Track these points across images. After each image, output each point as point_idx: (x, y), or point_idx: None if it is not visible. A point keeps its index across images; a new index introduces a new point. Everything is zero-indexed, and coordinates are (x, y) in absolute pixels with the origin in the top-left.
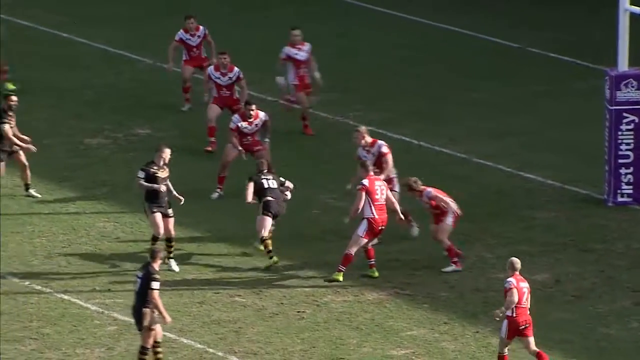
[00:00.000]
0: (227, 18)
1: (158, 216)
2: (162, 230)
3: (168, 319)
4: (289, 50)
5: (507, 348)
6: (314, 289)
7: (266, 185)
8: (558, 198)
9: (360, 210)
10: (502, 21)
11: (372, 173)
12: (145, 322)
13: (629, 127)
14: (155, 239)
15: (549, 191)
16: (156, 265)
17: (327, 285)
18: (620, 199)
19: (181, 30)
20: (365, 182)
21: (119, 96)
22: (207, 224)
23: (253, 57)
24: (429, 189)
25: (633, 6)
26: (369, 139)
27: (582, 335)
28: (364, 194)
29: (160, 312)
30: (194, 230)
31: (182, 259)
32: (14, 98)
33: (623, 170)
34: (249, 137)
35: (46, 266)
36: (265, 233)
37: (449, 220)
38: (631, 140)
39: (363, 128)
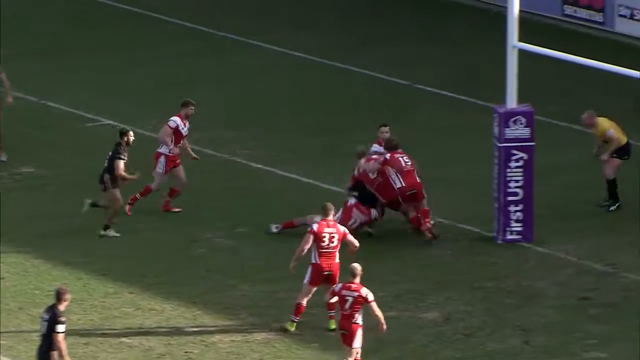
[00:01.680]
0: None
1: None
2: None
3: None
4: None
5: None
6: (201, 329)
7: None
8: (451, 236)
9: (304, 253)
10: (393, 58)
11: (330, 217)
12: None
13: (518, 164)
14: None
15: (442, 229)
16: (62, 307)
17: (215, 325)
18: (509, 237)
19: None
20: (315, 226)
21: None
22: (94, 263)
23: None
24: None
25: (521, 42)
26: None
27: None
28: (311, 237)
29: (62, 357)
30: (80, 269)
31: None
32: (132, 133)
33: (512, 208)
34: None
35: None
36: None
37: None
38: (520, 178)
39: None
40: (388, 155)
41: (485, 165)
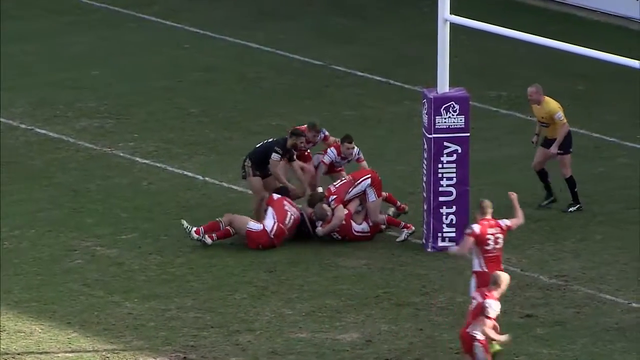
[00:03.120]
0: None
1: None
2: None
3: None
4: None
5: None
6: (78, 354)
7: None
8: (369, 243)
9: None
10: (303, 35)
11: (489, 215)
12: None
13: (451, 158)
14: None
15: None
16: None
17: (94, 349)
18: (441, 244)
19: None
20: (476, 227)
21: None
22: None
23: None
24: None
25: (454, 15)
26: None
27: None
28: (471, 241)
29: None
30: None
31: None
32: (304, 139)
33: (444, 210)
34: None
35: None
36: None
37: (372, 196)
38: (453, 174)
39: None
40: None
41: (412, 160)
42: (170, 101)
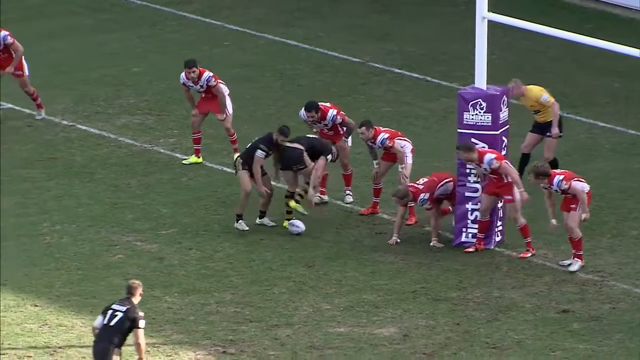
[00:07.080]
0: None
1: None
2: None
3: None
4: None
5: None
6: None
7: None
8: (405, 238)
9: None
10: (341, 32)
11: None
12: None
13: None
14: None
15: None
16: (136, 300)
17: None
18: (464, 239)
19: None
20: None
21: None
22: None
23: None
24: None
25: (492, 13)
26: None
27: None
28: None
29: (140, 354)
30: None
31: None
32: (282, 138)
33: (469, 206)
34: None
35: None
36: None
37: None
38: None
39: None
40: None
41: (448, 156)
42: None
